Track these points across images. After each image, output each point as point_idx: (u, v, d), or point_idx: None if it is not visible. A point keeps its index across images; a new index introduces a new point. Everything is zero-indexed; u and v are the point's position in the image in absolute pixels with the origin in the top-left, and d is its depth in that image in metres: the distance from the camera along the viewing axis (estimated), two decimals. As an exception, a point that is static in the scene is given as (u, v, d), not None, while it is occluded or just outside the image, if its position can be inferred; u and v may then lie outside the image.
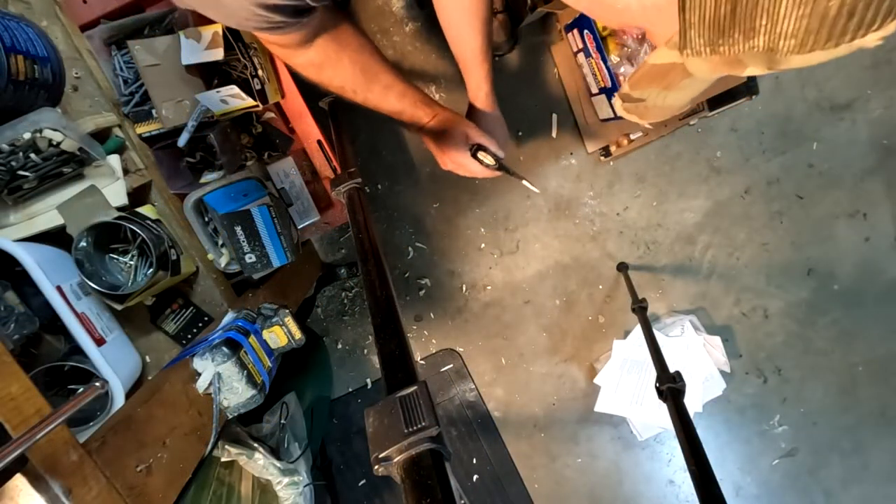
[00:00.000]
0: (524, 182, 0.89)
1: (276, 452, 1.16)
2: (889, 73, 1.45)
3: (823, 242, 1.58)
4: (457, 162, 0.86)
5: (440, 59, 1.48)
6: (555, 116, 1.51)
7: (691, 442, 0.74)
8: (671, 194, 1.55)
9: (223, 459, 1.07)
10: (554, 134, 1.52)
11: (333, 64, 0.67)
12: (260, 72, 0.94)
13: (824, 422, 1.67)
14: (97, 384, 0.51)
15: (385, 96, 0.74)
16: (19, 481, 0.48)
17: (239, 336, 0.78)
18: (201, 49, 0.86)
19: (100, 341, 0.78)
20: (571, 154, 1.53)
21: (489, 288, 1.63)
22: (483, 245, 1.60)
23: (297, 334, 0.86)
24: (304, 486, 1.17)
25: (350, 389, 1.72)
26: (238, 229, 0.91)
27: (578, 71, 1.43)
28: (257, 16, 0.50)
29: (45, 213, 0.80)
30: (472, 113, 0.89)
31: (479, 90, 0.86)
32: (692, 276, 1.61)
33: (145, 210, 0.88)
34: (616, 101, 0.38)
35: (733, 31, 0.23)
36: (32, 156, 0.73)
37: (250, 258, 0.93)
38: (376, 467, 0.36)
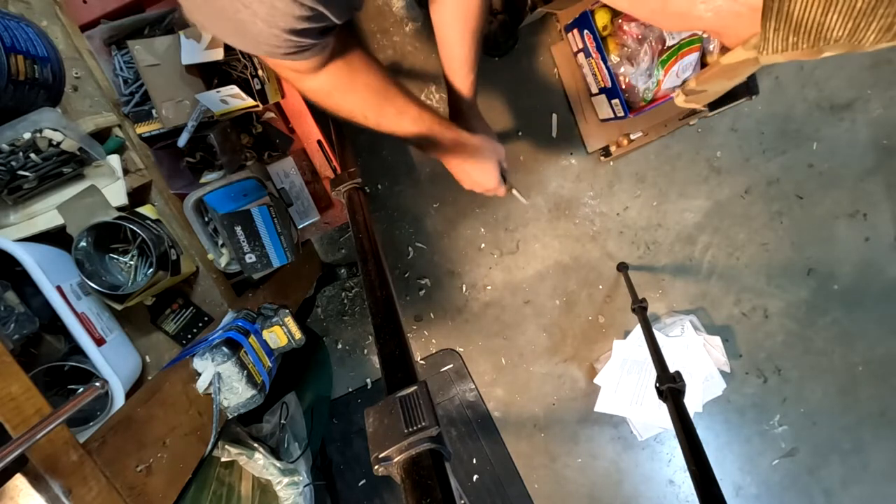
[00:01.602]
0: (514, 192, 0.88)
1: (276, 452, 1.16)
2: (889, 73, 1.45)
3: (823, 242, 1.58)
4: (487, 187, 0.85)
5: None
6: (555, 116, 1.51)
7: (691, 442, 0.74)
8: (671, 194, 1.55)
9: (223, 459, 1.07)
10: (554, 134, 1.52)
11: (346, 88, 0.65)
12: (260, 72, 0.94)
13: (824, 422, 1.68)
14: (97, 384, 0.51)
15: (399, 120, 0.71)
16: (19, 481, 0.48)
17: (239, 336, 0.78)
18: (201, 49, 0.87)
19: (100, 341, 0.78)
20: (571, 154, 1.53)
21: (489, 288, 1.63)
22: (483, 245, 1.60)
23: (297, 334, 0.86)
24: (304, 486, 1.17)
25: (350, 389, 1.72)
26: (238, 229, 0.91)
27: (578, 71, 1.43)
28: (287, 41, 0.48)
29: (45, 213, 0.80)
30: (461, 123, 0.85)
31: (460, 101, 0.84)
32: (692, 276, 1.61)
33: (145, 210, 0.88)
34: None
35: (818, 36, 0.25)
36: (32, 156, 0.73)
37: (250, 258, 0.93)
38: (376, 467, 0.36)
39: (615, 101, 1.30)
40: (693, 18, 0.33)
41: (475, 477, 1.72)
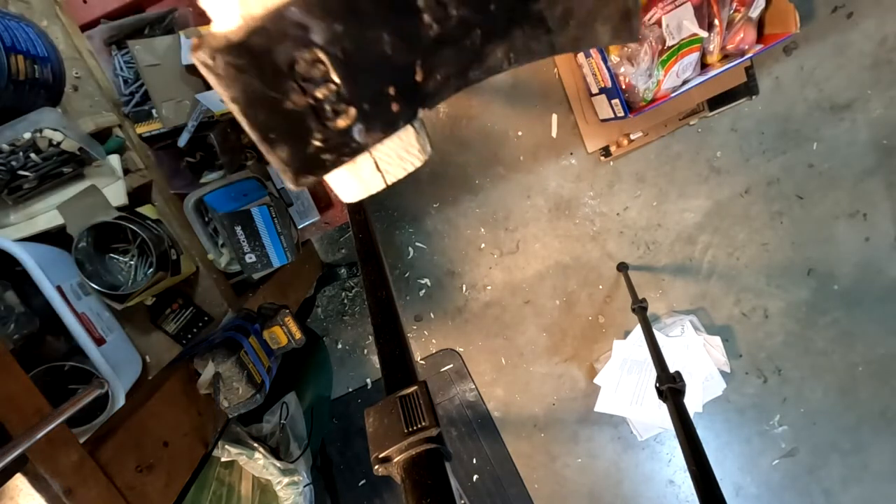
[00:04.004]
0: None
1: (276, 452, 1.15)
2: (889, 73, 1.45)
3: (823, 242, 1.58)
4: None
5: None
6: (555, 116, 1.51)
7: (691, 442, 0.74)
8: (671, 194, 1.55)
9: (223, 459, 1.07)
10: (554, 134, 1.52)
11: None
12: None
13: (824, 422, 1.68)
14: (97, 384, 0.51)
15: None
16: (19, 481, 0.48)
17: (239, 336, 0.78)
18: (201, 49, 0.86)
19: (100, 341, 0.78)
20: (571, 154, 1.53)
21: (489, 288, 1.63)
22: (483, 245, 1.60)
23: (297, 334, 0.86)
24: (304, 486, 1.17)
25: (350, 389, 1.72)
26: (238, 229, 0.91)
27: (578, 71, 1.43)
28: None
29: (45, 213, 0.80)
30: None
31: None
32: (692, 276, 1.61)
33: (145, 210, 0.88)
34: None
35: None
36: (32, 156, 0.73)
37: (250, 258, 0.93)
38: (376, 467, 0.36)
39: (615, 101, 1.30)
40: None
41: (475, 477, 1.72)
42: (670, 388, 0.88)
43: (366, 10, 0.17)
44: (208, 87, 0.92)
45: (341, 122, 0.18)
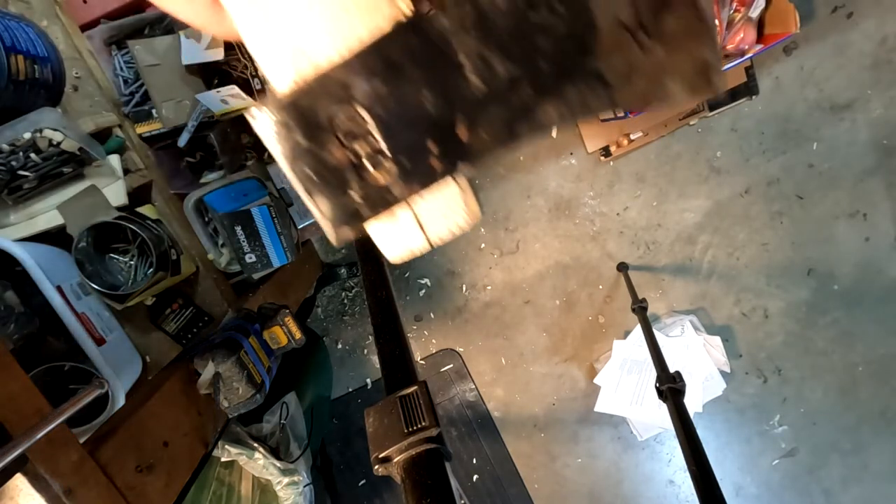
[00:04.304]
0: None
1: (276, 452, 1.15)
2: (889, 73, 1.45)
3: (823, 242, 1.58)
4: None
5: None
6: (555, 116, 1.50)
7: (691, 442, 0.74)
8: (671, 194, 1.55)
9: (223, 459, 1.07)
10: (554, 134, 1.52)
11: None
12: (260, 72, 0.94)
13: (824, 422, 1.67)
14: (97, 384, 0.51)
15: None
16: (19, 481, 0.48)
17: (239, 336, 0.78)
18: (201, 49, 0.87)
19: (100, 341, 0.78)
20: (571, 154, 1.53)
21: (489, 288, 1.63)
22: (483, 245, 1.60)
23: (297, 334, 0.86)
24: (304, 486, 1.17)
25: (350, 389, 1.72)
26: (238, 229, 0.91)
27: (578, 71, 1.43)
28: None
29: (45, 213, 0.80)
30: None
31: None
32: (692, 276, 1.61)
33: (145, 210, 0.88)
34: None
35: None
36: (33, 156, 0.73)
37: (250, 258, 0.93)
38: (376, 467, 0.36)
39: (615, 101, 1.30)
40: None
41: (475, 477, 1.72)
42: (670, 388, 0.88)
43: (407, 68, 0.17)
44: (208, 87, 0.92)
45: (380, 177, 0.19)
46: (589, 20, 0.17)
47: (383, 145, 0.18)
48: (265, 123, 0.17)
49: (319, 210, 0.19)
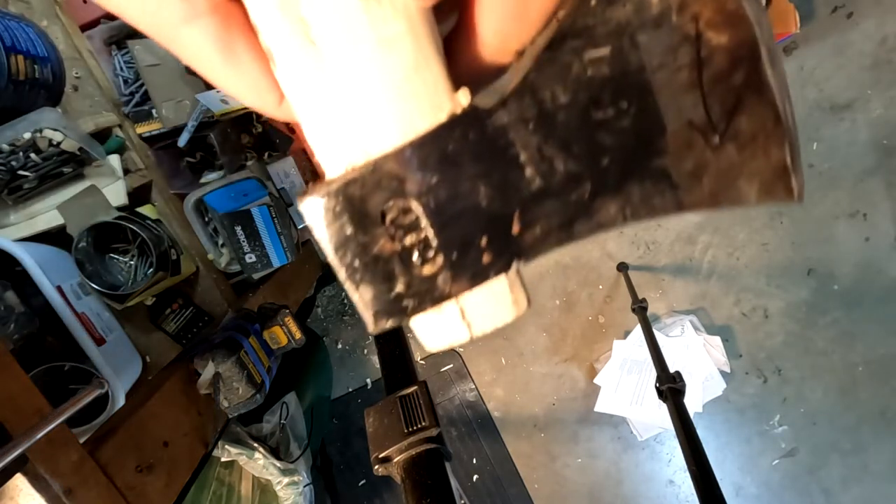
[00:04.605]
0: None
1: (276, 452, 1.15)
2: (889, 73, 1.45)
3: (823, 242, 1.58)
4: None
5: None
6: (555, 116, 1.50)
7: (691, 442, 0.74)
8: (671, 194, 1.55)
9: (223, 459, 1.07)
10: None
11: None
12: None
13: (824, 422, 1.67)
14: (97, 384, 0.51)
15: None
16: (19, 481, 0.48)
17: (239, 336, 0.78)
18: (201, 49, 0.86)
19: (100, 341, 0.78)
20: (571, 154, 1.53)
21: (489, 288, 1.63)
22: (483, 245, 1.60)
23: (297, 334, 0.86)
24: (304, 486, 1.17)
25: (350, 389, 1.72)
26: (238, 229, 0.91)
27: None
28: None
29: (45, 213, 0.80)
30: None
31: None
32: (692, 276, 1.61)
33: (145, 210, 0.88)
34: None
35: None
36: (32, 156, 0.73)
37: (250, 258, 0.93)
38: (376, 467, 0.36)
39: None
40: None
41: (475, 477, 1.72)
42: (670, 388, 0.88)
43: (463, 163, 0.16)
44: (208, 87, 0.92)
45: (427, 270, 0.18)
46: (657, 119, 0.16)
47: (434, 240, 0.17)
48: (314, 210, 0.17)
49: (363, 300, 0.18)
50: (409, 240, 0.17)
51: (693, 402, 1.47)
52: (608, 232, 0.18)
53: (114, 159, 0.83)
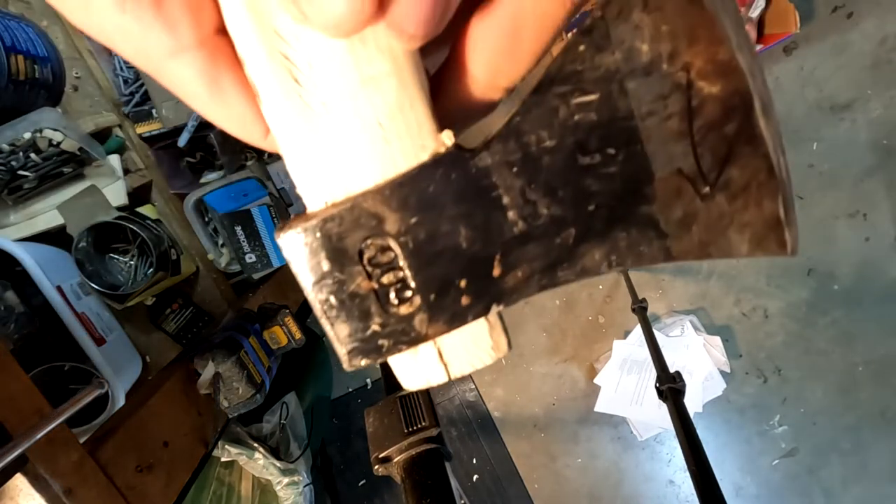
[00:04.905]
0: None
1: (276, 452, 1.15)
2: (889, 73, 1.45)
3: (823, 242, 1.58)
4: None
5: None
6: (555, 116, 1.50)
7: (691, 442, 0.74)
8: (671, 194, 1.55)
9: (223, 459, 1.07)
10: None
11: None
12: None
13: (824, 422, 1.67)
14: (97, 384, 0.51)
15: None
16: (19, 481, 0.48)
17: (239, 336, 0.78)
18: (201, 49, 0.86)
19: (100, 341, 0.78)
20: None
21: (489, 288, 1.63)
22: (483, 245, 1.60)
23: (297, 334, 0.86)
24: (304, 486, 1.17)
25: (350, 389, 1.72)
26: (238, 229, 0.91)
27: (578, 71, 1.43)
28: None
29: (45, 213, 0.80)
30: None
31: None
32: (692, 276, 1.61)
33: (145, 210, 0.88)
34: None
35: None
36: (32, 156, 0.73)
37: (250, 258, 0.93)
38: (376, 467, 0.36)
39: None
40: None
41: (475, 477, 1.72)
42: (670, 388, 0.88)
43: (444, 204, 0.16)
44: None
45: (404, 310, 0.18)
46: (645, 166, 0.16)
47: (412, 280, 0.17)
48: (291, 244, 0.17)
49: (338, 337, 0.18)
50: (387, 279, 0.17)
51: (693, 402, 1.47)
52: (593, 278, 0.18)
53: (114, 159, 0.83)
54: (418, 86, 0.15)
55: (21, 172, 0.74)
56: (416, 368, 0.19)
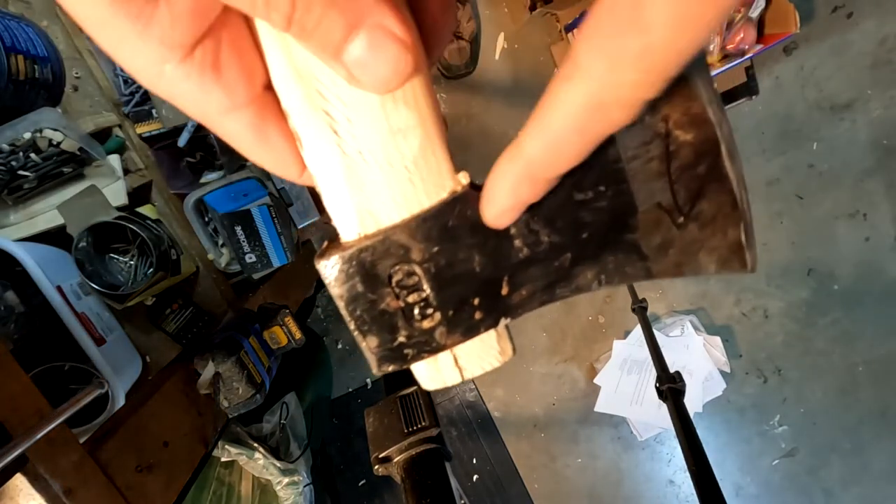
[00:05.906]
0: None
1: (276, 452, 1.15)
2: (889, 73, 1.45)
3: (823, 242, 1.58)
4: None
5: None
6: (555, 116, 1.50)
7: (691, 442, 0.73)
8: (671, 194, 1.55)
9: (223, 459, 1.07)
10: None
11: None
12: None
13: (824, 422, 1.67)
14: (97, 384, 0.51)
15: None
16: (19, 481, 0.48)
17: (239, 336, 0.78)
18: (201, 49, 0.86)
19: (100, 341, 0.78)
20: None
21: (489, 288, 1.63)
22: (483, 245, 1.60)
23: (297, 334, 0.86)
24: (304, 486, 1.17)
25: (350, 389, 1.72)
26: (238, 229, 0.91)
27: (578, 71, 1.43)
28: None
29: (45, 213, 0.80)
30: None
31: None
32: (692, 277, 1.61)
33: (145, 210, 0.88)
34: None
35: None
36: (32, 156, 0.73)
37: (250, 258, 0.93)
38: (376, 467, 0.36)
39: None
40: None
41: (475, 477, 1.72)
42: (670, 388, 0.88)
43: (461, 235, 0.19)
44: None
45: (426, 324, 0.21)
46: (630, 201, 0.19)
47: (433, 299, 0.20)
48: (330, 269, 0.20)
49: (369, 347, 0.22)
50: (412, 298, 0.20)
51: (693, 402, 1.47)
52: (585, 294, 0.22)
53: (114, 159, 0.83)
54: (439, 134, 0.18)
55: (21, 172, 0.74)
56: (435, 372, 0.23)
